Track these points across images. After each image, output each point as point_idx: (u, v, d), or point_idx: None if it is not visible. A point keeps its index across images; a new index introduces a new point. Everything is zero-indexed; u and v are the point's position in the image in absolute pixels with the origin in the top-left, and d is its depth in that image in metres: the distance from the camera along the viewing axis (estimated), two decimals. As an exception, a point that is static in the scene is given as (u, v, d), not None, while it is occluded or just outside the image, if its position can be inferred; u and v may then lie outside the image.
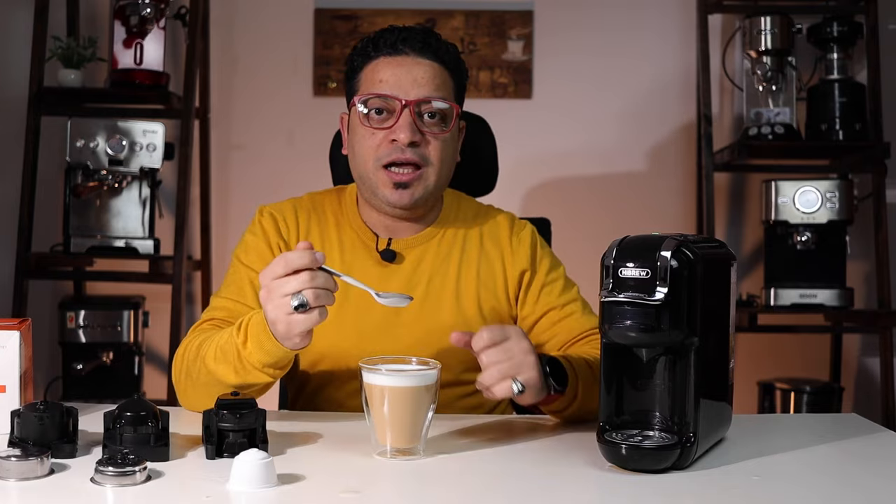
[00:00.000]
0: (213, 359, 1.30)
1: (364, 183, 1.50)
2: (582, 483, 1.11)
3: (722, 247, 1.26)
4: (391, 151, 1.44)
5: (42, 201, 2.85)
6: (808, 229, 2.84)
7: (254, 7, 3.19)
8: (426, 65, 1.47)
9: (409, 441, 1.18)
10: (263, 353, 1.24)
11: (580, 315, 1.53)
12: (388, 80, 1.45)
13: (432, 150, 1.46)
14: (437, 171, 1.48)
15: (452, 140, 1.51)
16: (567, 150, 3.17)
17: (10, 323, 1.28)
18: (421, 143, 1.45)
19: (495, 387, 1.20)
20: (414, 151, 1.44)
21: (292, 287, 1.17)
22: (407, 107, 1.43)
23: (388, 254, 1.51)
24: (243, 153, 3.19)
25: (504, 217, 1.61)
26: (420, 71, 1.46)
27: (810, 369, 3.12)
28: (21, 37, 2.87)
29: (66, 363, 2.84)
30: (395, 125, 1.44)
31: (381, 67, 1.47)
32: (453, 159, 1.53)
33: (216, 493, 1.02)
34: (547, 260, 1.58)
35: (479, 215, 1.60)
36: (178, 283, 2.76)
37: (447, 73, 1.49)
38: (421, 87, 1.45)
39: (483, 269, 1.54)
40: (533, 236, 1.59)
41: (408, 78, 1.45)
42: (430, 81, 1.46)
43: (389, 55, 1.47)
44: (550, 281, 1.55)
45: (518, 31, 3.16)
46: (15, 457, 1.04)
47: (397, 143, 1.44)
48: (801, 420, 1.91)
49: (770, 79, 2.92)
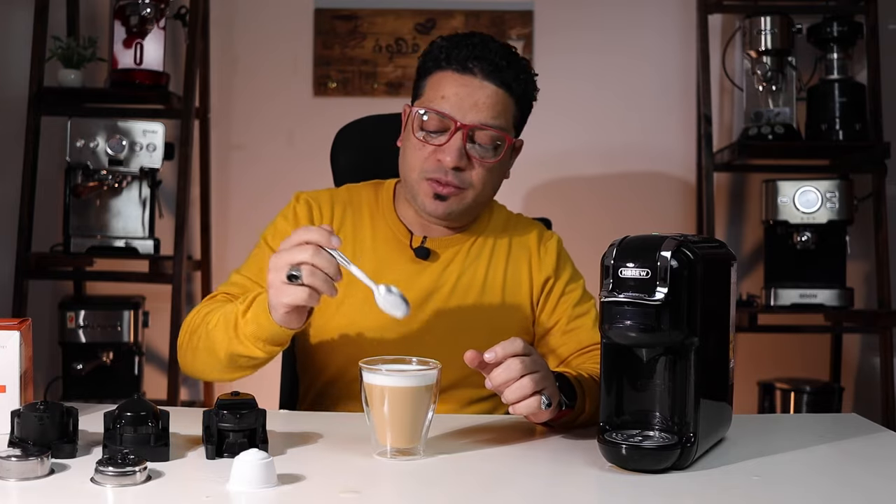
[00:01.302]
0: (215, 325, 1.33)
1: (406, 185, 1.51)
2: (582, 483, 1.11)
3: (722, 247, 1.26)
4: (436, 169, 1.45)
5: (42, 201, 2.85)
6: (808, 229, 2.84)
7: (254, 7, 3.19)
8: (491, 90, 1.45)
9: (409, 441, 1.18)
10: (257, 325, 1.26)
11: (590, 328, 1.54)
12: (449, 97, 1.44)
13: (475, 176, 1.46)
14: (477, 193, 1.48)
15: (501, 166, 1.51)
16: (567, 149, 3.17)
17: (10, 323, 1.28)
18: (466, 168, 1.45)
19: (523, 402, 1.17)
20: (456, 175, 1.45)
21: (295, 257, 1.18)
22: (460, 130, 1.43)
23: (422, 251, 1.52)
24: (243, 153, 3.19)
25: (533, 226, 1.64)
26: (483, 95, 1.44)
27: (810, 369, 3.12)
28: (21, 37, 2.87)
29: (66, 363, 2.84)
30: (444, 145, 1.44)
31: (446, 82, 1.46)
32: (498, 181, 1.54)
33: (216, 494, 1.02)
34: (568, 271, 1.60)
35: (509, 222, 1.62)
36: (178, 283, 2.76)
37: (511, 100, 1.47)
38: (480, 111, 1.44)
39: (510, 273, 1.56)
40: (559, 246, 1.61)
41: (469, 101, 1.44)
42: (490, 108, 1.44)
43: (458, 71, 1.46)
44: (569, 291, 1.57)
45: (518, 31, 3.16)
46: (15, 457, 1.04)
47: (442, 163, 1.44)
48: (801, 420, 1.91)
49: (770, 79, 2.91)
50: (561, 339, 1.54)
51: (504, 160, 1.51)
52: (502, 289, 1.54)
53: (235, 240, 3.17)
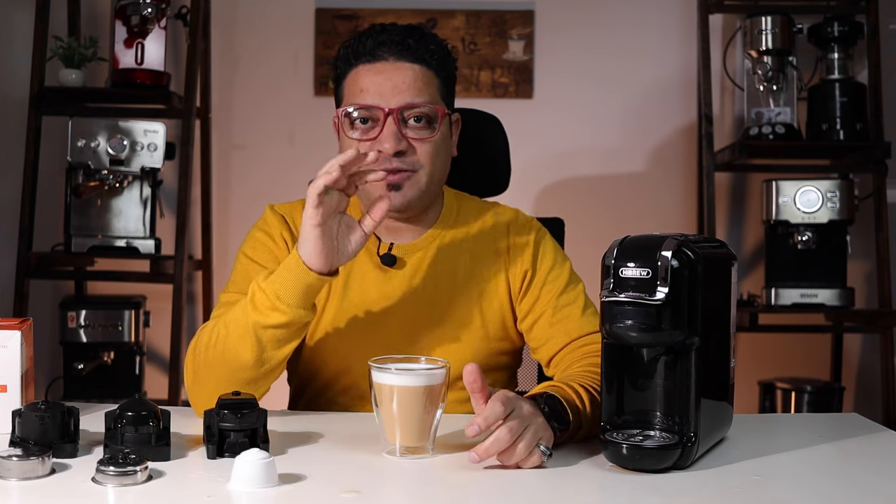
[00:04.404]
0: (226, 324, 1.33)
1: (360, 190, 1.48)
2: (583, 483, 1.11)
3: (723, 246, 1.26)
4: (380, 163, 1.41)
5: (43, 201, 2.85)
6: (808, 229, 2.84)
7: (255, 7, 3.19)
8: (406, 68, 1.44)
9: (419, 440, 1.18)
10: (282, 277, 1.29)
11: (579, 317, 1.49)
12: (368, 88, 1.43)
13: (421, 155, 1.44)
14: (429, 172, 1.45)
15: (443, 140, 1.48)
16: (568, 149, 3.17)
17: (11, 323, 1.28)
18: (408, 151, 1.43)
19: (526, 462, 1.14)
20: (402, 161, 1.43)
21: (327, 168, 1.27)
22: (390, 115, 1.41)
23: (388, 258, 1.50)
24: (244, 153, 3.20)
25: (508, 215, 1.58)
26: (400, 76, 1.43)
27: (811, 369, 3.12)
28: (22, 37, 2.87)
29: (67, 363, 2.84)
30: (379, 135, 1.42)
31: (361, 76, 1.45)
32: (447, 157, 1.51)
33: (217, 493, 1.02)
34: (549, 258, 1.54)
35: (482, 214, 1.57)
36: (179, 283, 2.76)
37: (430, 74, 1.46)
38: (402, 92, 1.42)
39: (485, 272, 1.52)
40: (537, 234, 1.55)
41: (388, 85, 1.43)
42: (411, 86, 1.43)
43: (368, 62, 1.45)
44: (552, 280, 1.52)
45: (519, 31, 3.16)
46: (16, 456, 1.04)
47: (383, 153, 1.41)
48: (801, 420, 1.91)
49: (771, 78, 2.91)
50: (549, 332, 1.49)
51: (444, 134, 1.48)
52: (478, 289, 1.51)
53: (236, 239, 3.16)
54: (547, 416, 1.18)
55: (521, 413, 1.14)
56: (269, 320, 1.29)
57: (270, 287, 1.29)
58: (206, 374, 1.35)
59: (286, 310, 1.29)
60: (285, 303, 1.28)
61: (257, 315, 1.30)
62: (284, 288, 1.29)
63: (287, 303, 1.28)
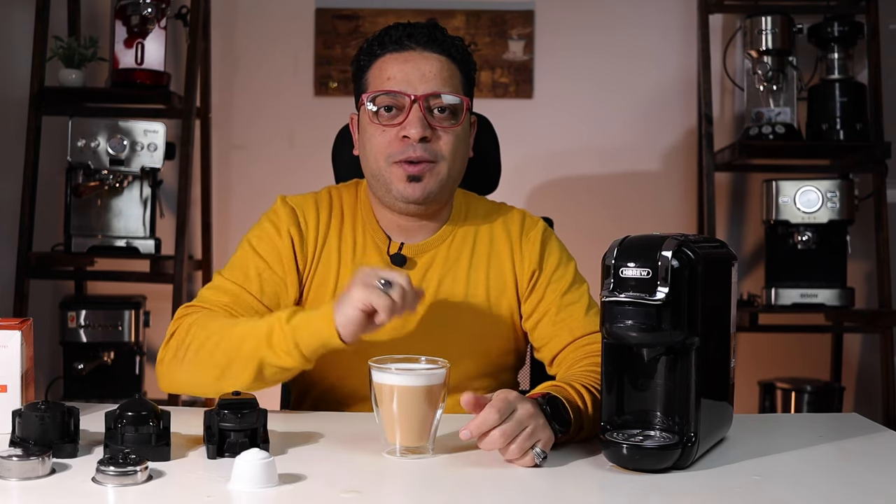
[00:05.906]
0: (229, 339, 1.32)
1: (377, 180, 1.48)
2: (582, 483, 1.11)
3: (723, 246, 1.26)
4: (403, 149, 1.43)
5: (43, 201, 2.85)
6: (808, 229, 2.84)
7: (255, 7, 3.19)
8: (433, 59, 1.46)
9: (419, 440, 1.18)
10: (307, 329, 1.28)
11: (582, 316, 1.50)
12: (395, 76, 1.45)
13: (444, 145, 1.45)
14: (450, 164, 1.46)
15: (464, 134, 1.50)
16: (568, 149, 3.17)
17: (11, 323, 1.28)
18: (432, 139, 1.44)
19: (519, 461, 1.15)
20: (425, 148, 1.43)
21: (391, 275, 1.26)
22: (416, 102, 1.43)
23: (398, 258, 1.51)
24: (244, 153, 3.19)
25: (515, 215, 1.59)
26: (427, 65, 1.45)
27: (811, 369, 3.12)
28: (22, 37, 2.87)
29: (67, 363, 2.84)
30: (405, 121, 1.43)
31: (388, 64, 1.47)
32: (466, 154, 1.52)
33: (217, 493, 1.02)
34: (554, 257, 1.55)
35: (490, 214, 1.58)
36: (180, 283, 2.76)
37: (455, 67, 1.48)
38: (429, 81, 1.44)
39: (493, 271, 1.53)
40: (543, 234, 1.57)
41: (415, 73, 1.45)
42: (437, 75, 1.45)
43: (396, 51, 1.47)
44: (557, 279, 1.53)
45: (519, 31, 3.16)
46: (16, 456, 1.04)
47: (408, 139, 1.43)
48: (801, 420, 1.91)
49: (771, 78, 2.91)
50: (552, 330, 1.50)
51: (466, 129, 1.50)
52: (486, 289, 1.52)
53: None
54: (548, 416, 1.18)
55: (521, 414, 1.14)
56: (281, 362, 1.30)
57: (292, 333, 1.29)
58: (192, 372, 1.36)
59: (300, 359, 1.30)
60: (301, 353, 1.29)
61: (271, 355, 1.30)
62: (305, 340, 1.29)
63: (303, 354, 1.29)
